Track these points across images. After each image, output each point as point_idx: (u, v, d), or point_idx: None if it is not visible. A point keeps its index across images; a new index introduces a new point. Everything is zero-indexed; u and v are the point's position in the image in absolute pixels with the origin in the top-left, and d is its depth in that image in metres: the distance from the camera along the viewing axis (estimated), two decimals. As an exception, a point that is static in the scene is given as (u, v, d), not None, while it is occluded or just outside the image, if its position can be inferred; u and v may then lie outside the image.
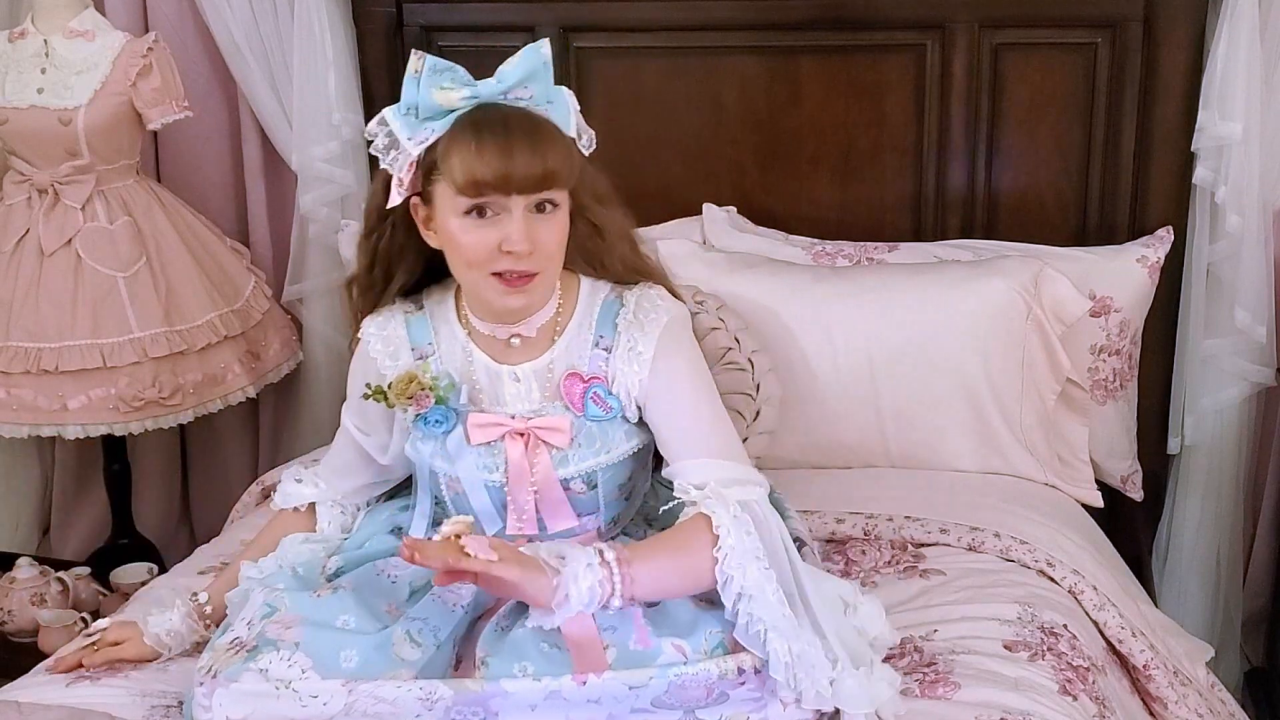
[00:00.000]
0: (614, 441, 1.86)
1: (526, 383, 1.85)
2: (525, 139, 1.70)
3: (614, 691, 1.67)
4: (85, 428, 2.78)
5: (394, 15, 2.95)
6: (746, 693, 1.71)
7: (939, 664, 1.89)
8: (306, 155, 2.97)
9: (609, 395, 1.85)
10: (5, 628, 2.77)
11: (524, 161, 1.69)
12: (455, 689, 1.67)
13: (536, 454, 1.83)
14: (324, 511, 2.05)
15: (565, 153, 1.74)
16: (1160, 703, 2.16)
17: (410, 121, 1.75)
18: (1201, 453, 2.83)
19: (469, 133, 1.70)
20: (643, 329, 1.84)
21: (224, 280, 2.94)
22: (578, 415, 1.84)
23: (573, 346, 1.86)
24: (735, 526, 1.73)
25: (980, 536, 2.24)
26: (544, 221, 1.74)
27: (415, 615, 1.76)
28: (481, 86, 1.73)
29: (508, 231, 1.71)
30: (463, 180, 1.70)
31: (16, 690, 1.92)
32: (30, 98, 2.77)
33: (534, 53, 1.74)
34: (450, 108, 1.72)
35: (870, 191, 2.88)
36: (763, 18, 2.81)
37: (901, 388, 2.50)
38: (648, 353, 1.83)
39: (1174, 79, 2.67)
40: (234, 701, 1.66)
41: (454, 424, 1.84)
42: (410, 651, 1.71)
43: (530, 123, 1.72)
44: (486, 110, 1.72)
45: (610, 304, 1.88)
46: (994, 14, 2.74)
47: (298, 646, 1.69)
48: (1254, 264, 2.66)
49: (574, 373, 1.85)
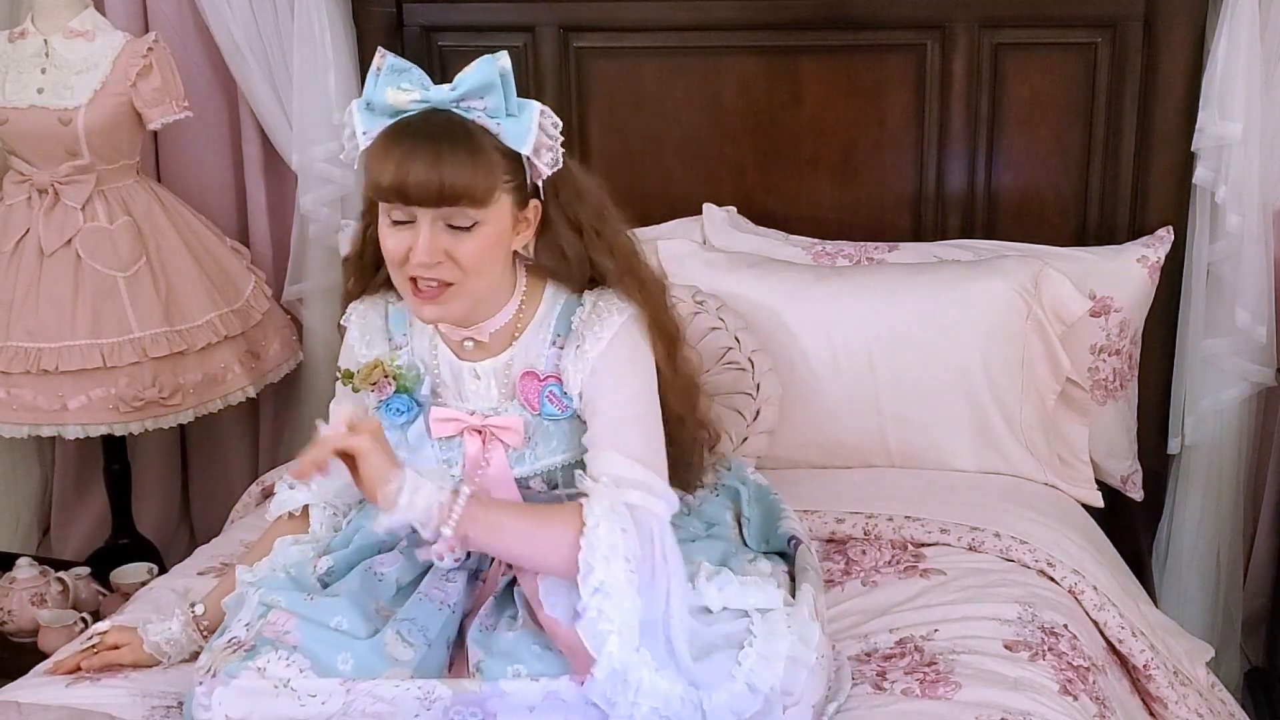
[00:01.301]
0: (572, 441, 1.85)
1: (486, 380, 1.86)
2: (429, 151, 1.68)
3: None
4: (85, 428, 2.78)
5: (394, 15, 2.95)
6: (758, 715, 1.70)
7: (939, 664, 1.89)
8: (306, 155, 2.97)
9: (563, 395, 1.84)
10: (5, 628, 2.77)
11: (419, 173, 1.68)
12: (454, 689, 1.67)
13: (492, 451, 1.84)
14: (315, 513, 2.04)
15: (473, 169, 1.70)
16: (1160, 703, 2.16)
17: (367, 115, 1.75)
18: (1201, 453, 2.83)
19: (386, 138, 1.72)
20: (593, 327, 1.83)
21: (224, 280, 2.94)
22: (534, 414, 1.84)
23: (531, 346, 1.86)
24: (608, 520, 1.70)
25: (980, 536, 2.24)
26: (461, 237, 1.73)
27: (404, 616, 1.77)
28: (434, 91, 1.72)
29: (415, 239, 1.72)
30: (370, 183, 1.73)
31: (16, 690, 1.92)
32: (30, 98, 2.77)
33: (489, 64, 1.72)
34: (401, 108, 1.72)
35: (870, 191, 2.88)
36: (763, 17, 2.81)
37: (901, 387, 2.50)
38: (594, 350, 1.82)
39: (1174, 79, 2.67)
40: (233, 699, 1.66)
41: (415, 414, 1.86)
42: (403, 651, 1.72)
43: (449, 135, 1.70)
44: (424, 118, 1.72)
45: (569, 303, 1.87)
46: (994, 14, 2.74)
47: (295, 648, 1.69)
48: (1254, 264, 2.66)
49: (530, 371, 1.85)
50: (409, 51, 2.96)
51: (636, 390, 1.84)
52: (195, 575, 2.25)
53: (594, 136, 2.93)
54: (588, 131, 2.93)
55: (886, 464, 2.54)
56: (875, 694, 1.84)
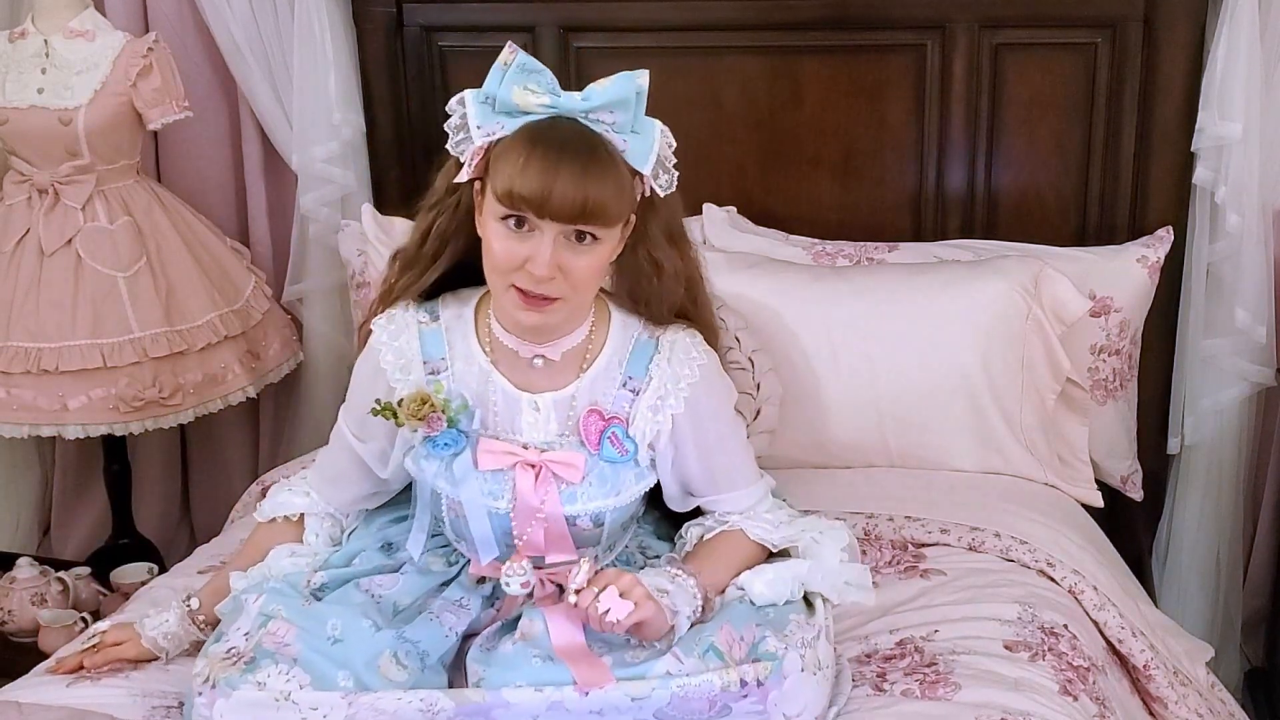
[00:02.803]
0: (625, 484, 1.83)
1: (546, 413, 1.82)
2: (575, 166, 1.64)
3: (616, 703, 1.65)
4: (85, 428, 2.78)
5: (394, 15, 2.95)
6: (749, 705, 1.68)
7: (939, 664, 1.89)
8: (306, 155, 2.97)
9: (626, 438, 1.82)
10: (5, 628, 2.77)
11: (564, 189, 1.64)
12: (456, 700, 1.66)
13: (546, 488, 1.79)
14: (312, 523, 1.99)
15: (616, 189, 1.68)
16: (1160, 703, 2.16)
17: (485, 110, 1.70)
18: (1201, 453, 2.83)
19: (524, 144, 1.67)
20: (676, 382, 1.82)
21: (224, 280, 2.94)
22: (592, 454, 1.81)
23: (599, 382, 1.82)
24: (774, 522, 1.89)
25: (980, 536, 2.24)
26: (579, 252, 1.70)
27: (408, 636, 1.74)
28: (564, 99, 1.68)
29: (536, 250, 1.68)
30: (502, 189, 1.67)
31: (16, 690, 1.92)
32: (30, 98, 2.77)
33: (628, 80, 1.68)
34: (526, 110, 1.68)
35: (870, 191, 2.88)
36: (763, 18, 2.81)
37: (901, 387, 2.50)
38: (678, 408, 1.82)
39: (1174, 79, 2.67)
40: (234, 711, 1.65)
41: (462, 447, 1.80)
42: (397, 673, 1.69)
43: (591, 151, 1.67)
44: (556, 125, 1.68)
45: (644, 344, 1.84)
46: (994, 14, 2.74)
47: (295, 661, 1.68)
48: (1254, 264, 2.66)
49: (596, 409, 1.81)
50: (409, 51, 2.96)
51: (732, 427, 1.92)
52: (195, 575, 2.24)
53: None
54: (588, 131, 2.93)
55: (886, 464, 2.54)
56: (875, 695, 1.83)
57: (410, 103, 3.00)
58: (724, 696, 1.67)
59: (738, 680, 1.67)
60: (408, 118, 3.00)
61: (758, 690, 1.68)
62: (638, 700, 1.66)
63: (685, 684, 1.65)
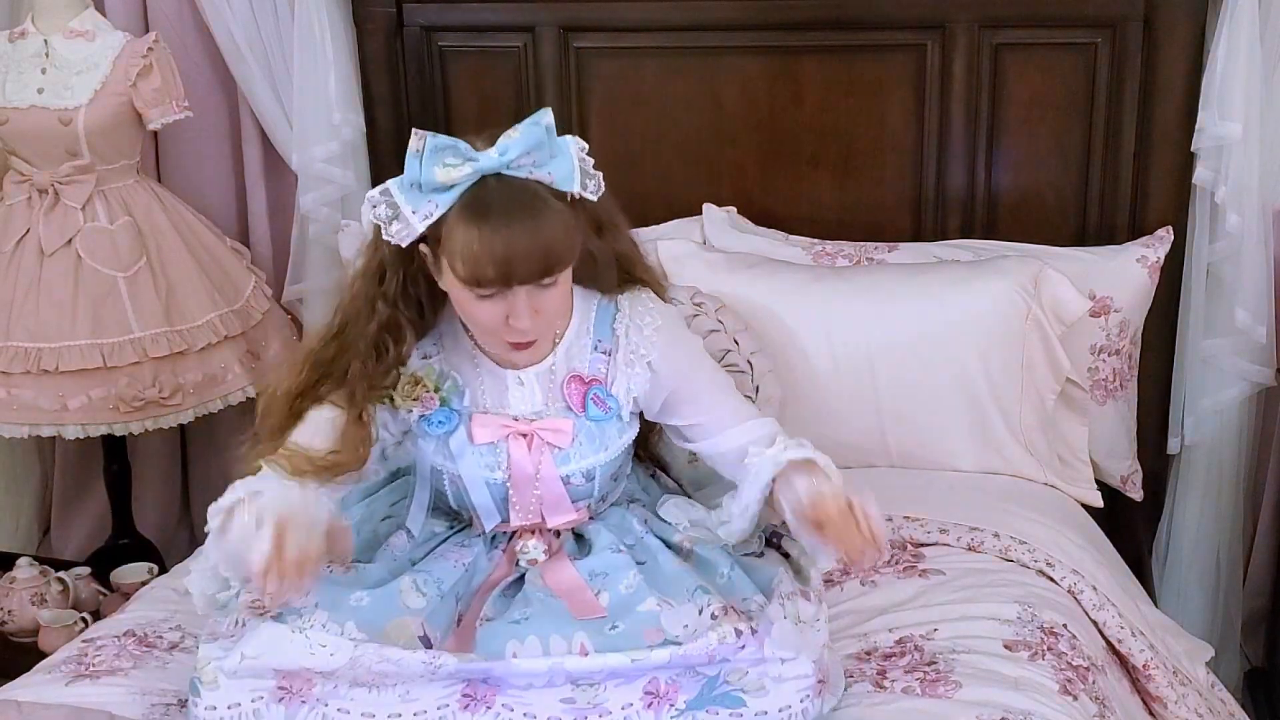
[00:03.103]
0: (610, 439, 1.91)
1: (530, 386, 1.90)
2: (523, 227, 1.70)
3: (616, 665, 1.72)
4: (85, 428, 2.78)
5: (394, 15, 2.95)
6: (747, 655, 1.75)
7: (939, 663, 1.89)
8: (306, 155, 2.97)
9: (608, 396, 1.90)
10: (5, 628, 2.77)
11: (523, 258, 1.71)
12: (460, 659, 1.73)
13: (540, 454, 1.88)
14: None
15: (564, 229, 1.74)
16: (1160, 703, 2.16)
17: (414, 195, 1.74)
18: (1201, 453, 2.83)
19: (471, 224, 1.71)
20: (641, 332, 1.91)
21: (224, 280, 2.94)
22: (578, 415, 1.89)
23: (573, 350, 1.91)
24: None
25: (980, 536, 2.24)
26: (547, 290, 1.77)
27: (422, 568, 1.87)
28: (483, 160, 1.72)
29: (512, 308, 1.75)
30: (465, 275, 1.72)
31: (16, 690, 1.93)
32: (30, 98, 2.77)
33: (535, 126, 1.73)
34: (452, 183, 1.72)
35: (870, 191, 2.88)
36: (763, 18, 2.81)
37: (901, 388, 2.50)
38: (651, 354, 1.90)
39: (1174, 79, 2.67)
40: (252, 638, 1.74)
41: (456, 425, 1.88)
42: (415, 600, 1.81)
43: (529, 205, 1.72)
44: (486, 188, 1.72)
45: (605, 308, 1.93)
46: (994, 14, 2.74)
47: (316, 606, 1.76)
48: (1254, 264, 2.66)
49: (575, 375, 1.90)
50: (409, 51, 2.96)
51: (709, 371, 1.97)
52: (195, 575, 2.25)
53: (594, 136, 2.92)
54: (588, 132, 2.93)
55: (886, 464, 2.54)
56: (876, 692, 1.84)
57: (410, 103, 3.00)
58: (722, 649, 1.73)
59: (733, 631, 1.74)
60: (408, 118, 3.00)
61: (753, 638, 1.74)
62: (638, 662, 1.72)
63: (685, 650, 1.72)
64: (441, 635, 1.81)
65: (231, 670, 1.74)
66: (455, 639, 1.82)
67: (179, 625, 2.09)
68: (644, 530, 1.96)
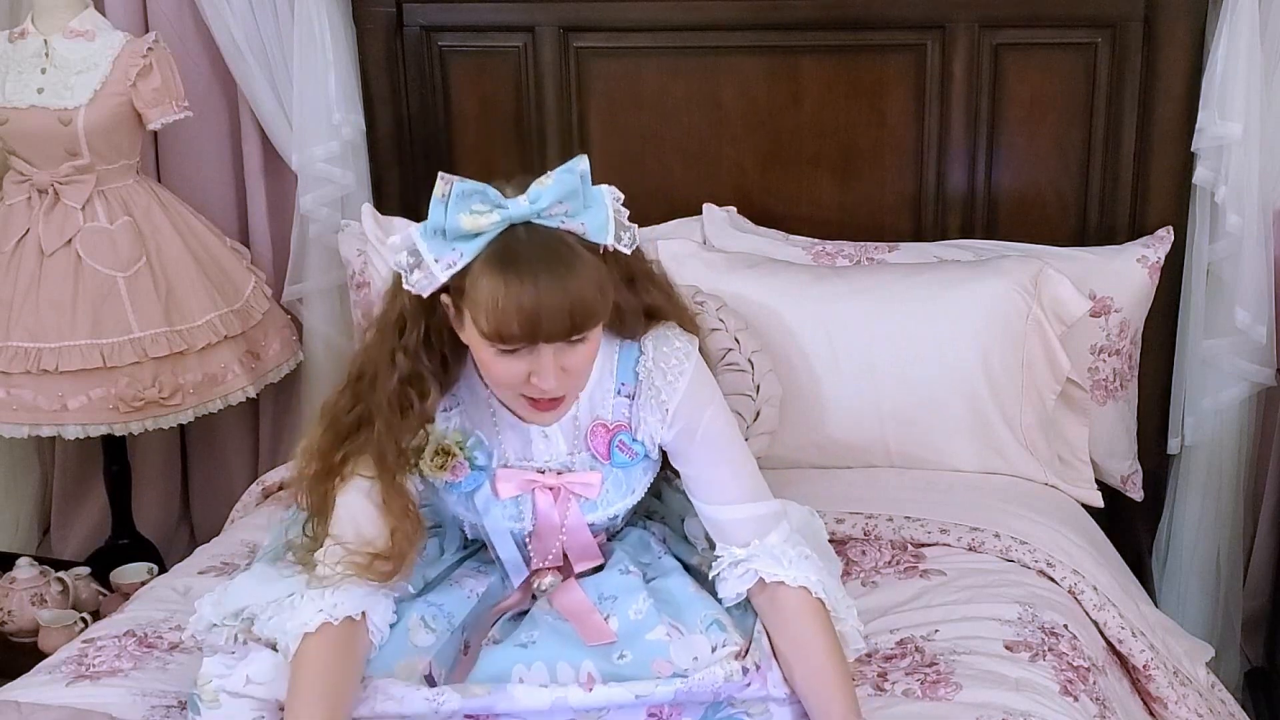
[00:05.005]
0: (636, 481, 1.87)
1: (554, 437, 1.83)
2: (557, 286, 1.59)
3: (620, 700, 1.69)
4: (85, 428, 2.78)
5: (394, 15, 2.95)
6: (753, 692, 1.73)
7: (940, 664, 1.89)
8: (306, 155, 2.97)
9: (634, 441, 1.83)
10: (5, 628, 2.77)
11: (551, 316, 1.60)
12: (462, 694, 1.68)
13: (566, 503, 1.82)
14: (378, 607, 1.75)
15: (595, 285, 1.63)
16: (1160, 703, 2.16)
17: (438, 243, 1.63)
18: (1201, 453, 2.83)
19: (497, 275, 1.60)
20: (665, 376, 1.81)
21: (224, 280, 2.94)
22: (604, 463, 1.84)
23: (595, 396, 1.83)
24: (798, 561, 1.78)
25: (980, 536, 2.24)
26: (575, 350, 1.67)
27: (432, 601, 1.80)
28: (512, 208, 1.62)
29: (538, 366, 1.65)
30: (490, 330, 1.62)
31: (16, 690, 1.92)
32: (30, 98, 2.77)
33: (569, 174, 1.63)
34: (479, 231, 1.62)
35: (870, 191, 2.88)
36: (763, 17, 2.81)
37: (901, 388, 2.50)
38: (672, 402, 1.81)
39: (1174, 79, 2.67)
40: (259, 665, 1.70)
41: (481, 483, 1.82)
42: (424, 637, 1.76)
43: (558, 257, 1.61)
44: (515, 238, 1.62)
45: (628, 350, 1.84)
46: (994, 14, 2.74)
47: None
48: (1254, 264, 2.65)
49: (600, 422, 1.83)
50: (409, 51, 2.96)
51: (725, 433, 1.84)
52: (195, 575, 2.25)
53: (594, 136, 2.93)
54: (588, 131, 2.93)
55: (886, 464, 2.54)
56: (876, 695, 1.84)
57: (410, 103, 3.00)
58: (728, 687, 1.71)
59: (739, 669, 1.72)
60: (408, 118, 3.00)
61: (757, 675, 1.73)
62: (641, 698, 1.69)
63: (689, 683, 1.69)
64: (448, 670, 1.77)
65: (235, 690, 1.71)
66: (461, 668, 1.78)
67: (179, 625, 2.08)
68: (662, 550, 1.92)
